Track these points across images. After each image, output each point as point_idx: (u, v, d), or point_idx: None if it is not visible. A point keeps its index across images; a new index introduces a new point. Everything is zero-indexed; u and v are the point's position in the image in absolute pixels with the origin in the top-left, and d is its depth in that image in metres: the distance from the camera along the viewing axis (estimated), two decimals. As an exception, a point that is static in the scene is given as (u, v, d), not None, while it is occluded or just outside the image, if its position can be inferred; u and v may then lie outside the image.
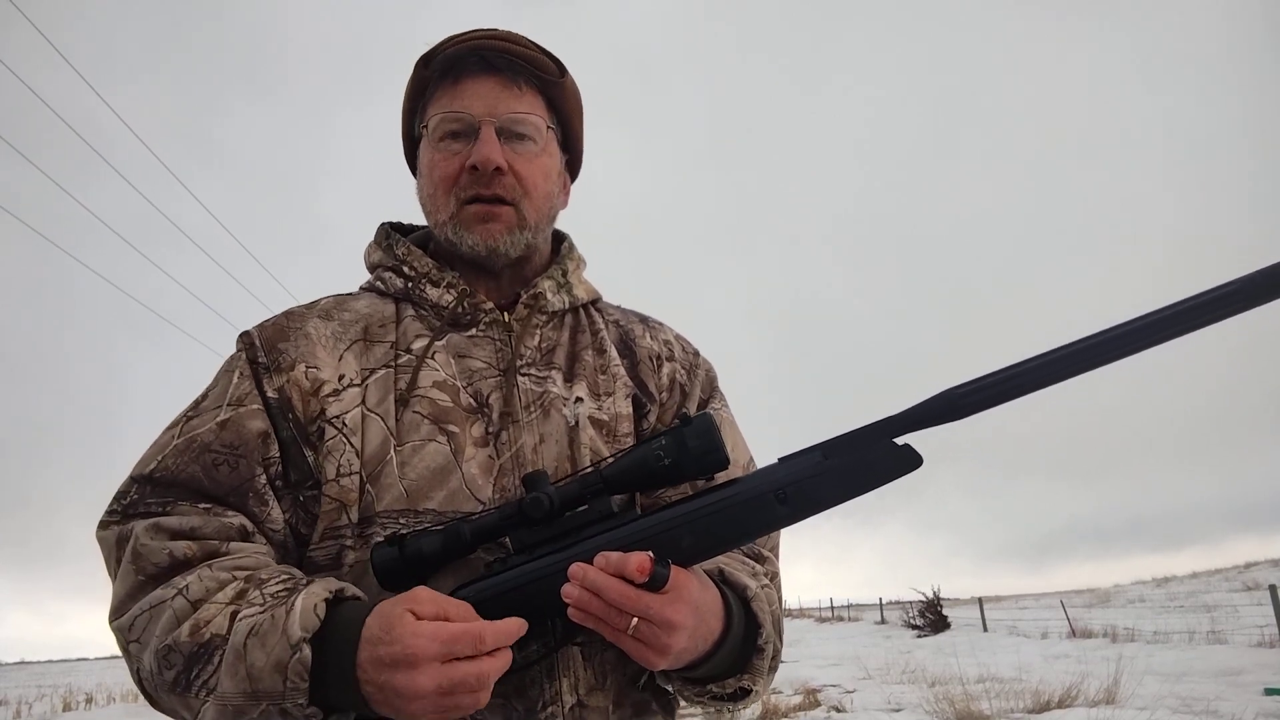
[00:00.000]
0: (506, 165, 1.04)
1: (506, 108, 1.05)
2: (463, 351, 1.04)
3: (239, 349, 1.04)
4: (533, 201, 1.07)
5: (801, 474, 0.87)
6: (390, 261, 1.12)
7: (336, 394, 0.98)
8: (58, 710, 15.34)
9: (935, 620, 21.49)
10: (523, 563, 0.89)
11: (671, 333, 1.20)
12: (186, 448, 0.95)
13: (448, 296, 1.07)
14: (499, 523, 0.90)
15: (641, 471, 0.89)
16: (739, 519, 0.87)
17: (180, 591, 0.85)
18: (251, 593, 0.85)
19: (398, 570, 0.89)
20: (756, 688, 0.96)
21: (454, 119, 1.05)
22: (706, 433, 0.88)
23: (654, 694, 1.01)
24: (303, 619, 0.80)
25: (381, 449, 0.97)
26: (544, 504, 0.88)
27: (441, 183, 1.06)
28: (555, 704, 0.93)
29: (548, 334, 1.09)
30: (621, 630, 0.82)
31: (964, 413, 0.85)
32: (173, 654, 0.83)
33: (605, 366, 1.09)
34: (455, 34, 1.08)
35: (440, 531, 0.90)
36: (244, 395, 0.98)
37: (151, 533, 0.90)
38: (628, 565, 0.81)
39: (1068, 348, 0.83)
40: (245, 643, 0.81)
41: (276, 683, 0.79)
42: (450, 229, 1.06)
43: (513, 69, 1.06)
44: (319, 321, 1.05)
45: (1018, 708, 7.74)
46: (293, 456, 0.97)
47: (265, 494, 0.95)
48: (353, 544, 0.95)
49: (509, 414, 1.01)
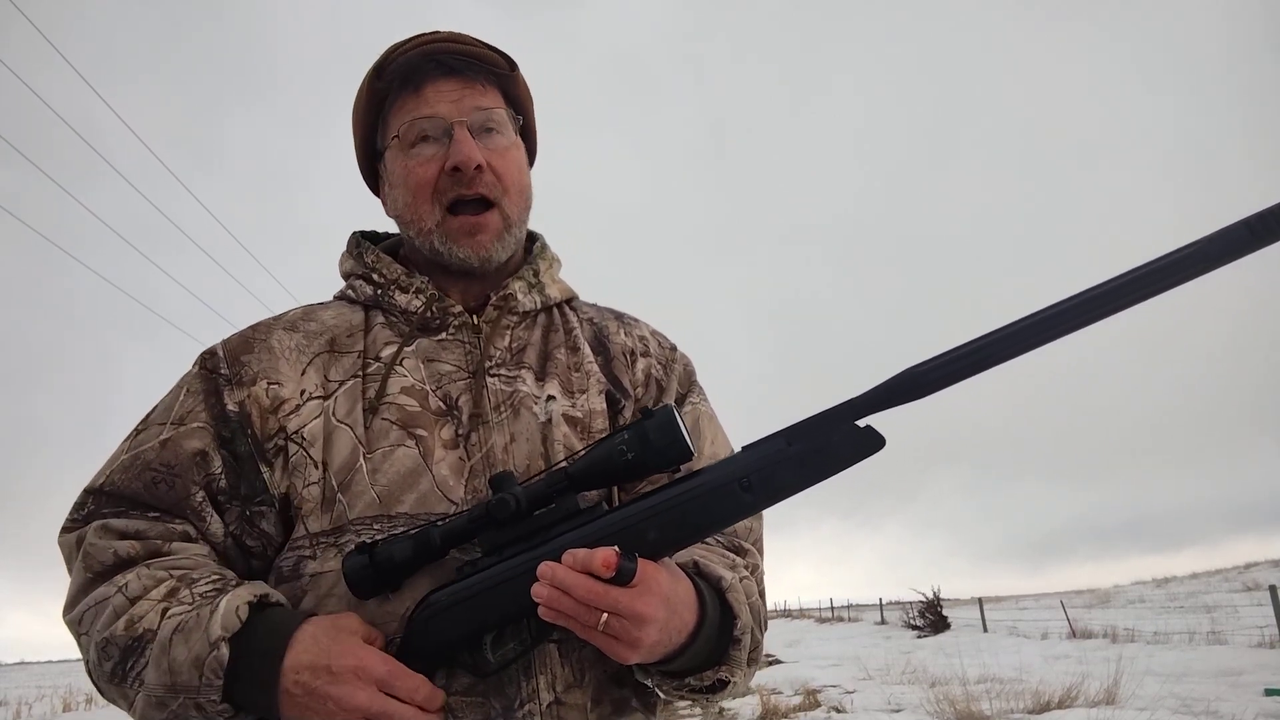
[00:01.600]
0: (485, 162, 1.04)
1: (473, 105, 1.05)
2: (432, 356, 1.05)
3: (195, 366, 1.05)
4: (512, 197, 1.08)
5: (765, 462, 0.87)
6: (360, 269, 1.13)
7: (296, 409, 1.00)
8: (57, 711, 15.35)
9: (935, 620, 21.49)
10: (493, 564, 0.89)
11: (647, 329, 1.21)
12: (131, 464, 0.99)
13: (416, 302, 1.07)
14: (468, 525, 0.91)
15: (606, 467, 0.89)
16: (705, 509, 0.87)
17: (120, 589, 0.90)
18: (182, 591, 0.89)
19: (368, 578, 0.90)
20: (735, 679, 0.95)
21: (424, 122, 1.05)
22: (668, 425, 0.88)
23: (635, 691, 1.01)
24: (224, 619, 0.84)
25: (351, 458, 0.98)
26: (510, 505, 0.88)
27: (420, 189, 1.05)
28: (532, 701, 0.93)
29: (519, 334, 1.10)
30: (592, 627, 0.82)
31: (927, 390, 0.84)
32: (110, 646, 0.88)
33: (579, 364, 1.10)
34: (399, 42, 1.08)
35: (410, 537, 0.90)
36: (186, 414, 1.00)
37: (100, 533, 0.95)
38: (594, 561, 0.81)
39: (1027, 319, 0.82)
40: (171, 638, 0.85)
41: (193, 678, 0.83)
42: (436, 239, 1.06)
43: (470, 68, 1.07)
44: (284, 333, 1.06)
45: (1018, 708, 7.73)
46: (246, 472, 0.99)
47: (203, 509, 0.98)
48: (311, 554, 0.96)
49: (478, 415, 1.02)
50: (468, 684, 0.93)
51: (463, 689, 0.93)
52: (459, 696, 0.93)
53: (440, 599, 0.89)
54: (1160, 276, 0.79)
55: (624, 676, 1.01)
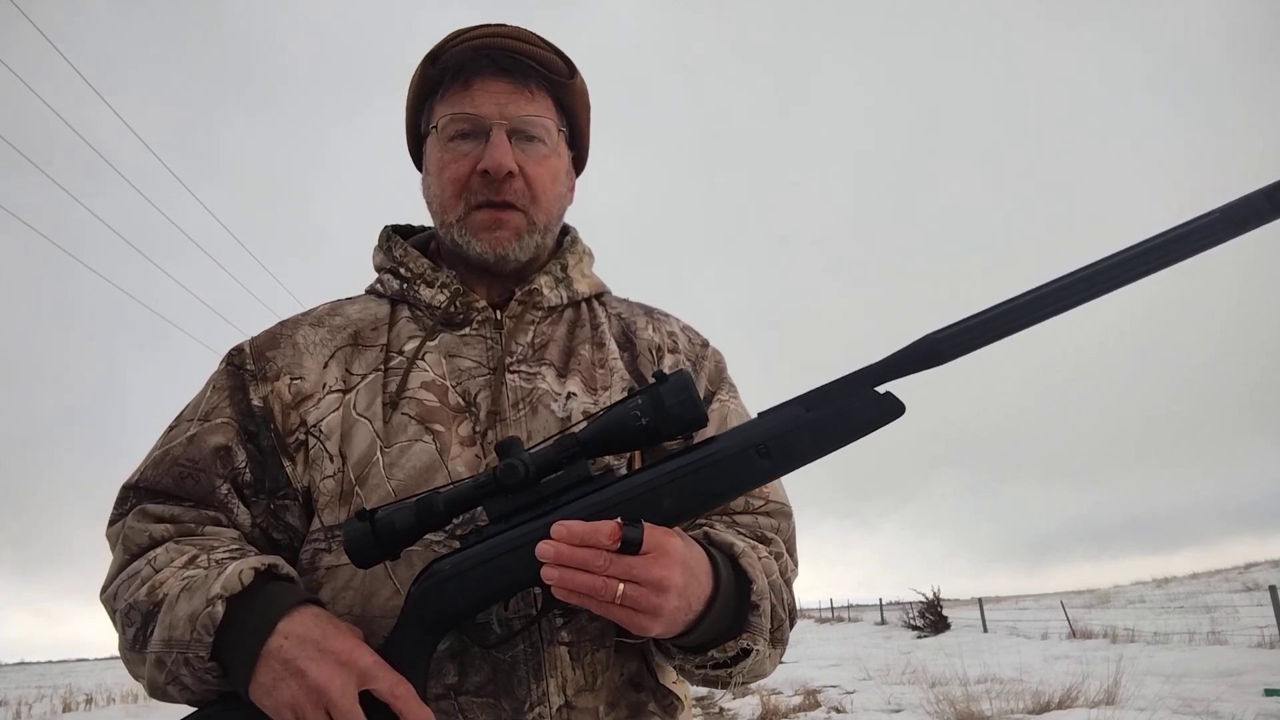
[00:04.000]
0: (517, 168, 1.03)
1: (517, 110, 1.05)
2: (453, 351, 1.05)
3: (222, 363, 1.07)
4: (541, 205, 1.07)
5: (783, 427, 0.85)
6: (390, 264, 1.13)
7: (317, 402, 1.01)
8: (57, 711, 15.33)
9: (935, 621, 21.47)
10: (499, 532, 0.87)
11: (678, 324, 1.19)
12: (162, 460, 1.01)
13: (440, 297, 1.07)
14: (474, 492, 0.88)
15: (619, 432, 0.87)
16: (720, 475, 0.85)
17: (149, 561, 0.93)
18: (201, 558, 0.91)
19: (369, 546, 0.87)
20: (758, 647, 0.92)
21: (464, 119, 1.04)
22: (683, 389, 0.85)
23: (654, 695, 1.00)
24: (225, 580, 0.85)
25: (369, 451, 0.98)
26: (519, 470, 0.85)
27: (451, 184, 1.05)
28: (543, 704, 0.92)
29: (542, 330, 1.09)
30: (610, 600, 0.79)
31: (946, 357, 0.83)
32: (132, 612, 0.90)
33: (603, 360, 1.09)
34: (461, 30, 1.07)
35: (413, 503, 0.88)
36: (212, 410, 1.02)
37: (138, 518, 0.98)
38: (599, 535, 0.79)
39: (1046, 286, 0.81)
40: (178, 596, 0.86)
41: (186, 632, 0.84)
42: (457, 231, 1.06)
43: (523, 70, 1.05)
44: (309, 329, 1.07)
45: (1018, 708, 7.73)
46: (270, 466, 1.00)
47: (228, 501, 1.00)
48: (326, 546, 0.97)
49: (496, 412, 1.01)
50: (479, 683, 0.92)
51: (474, 688, 0.92)
52: (469, 697, 0.92)
53: (444, 567, 0.86)
54: (1175, 246, 0.78)
55: (642, 680, 0.99)
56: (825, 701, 9.51)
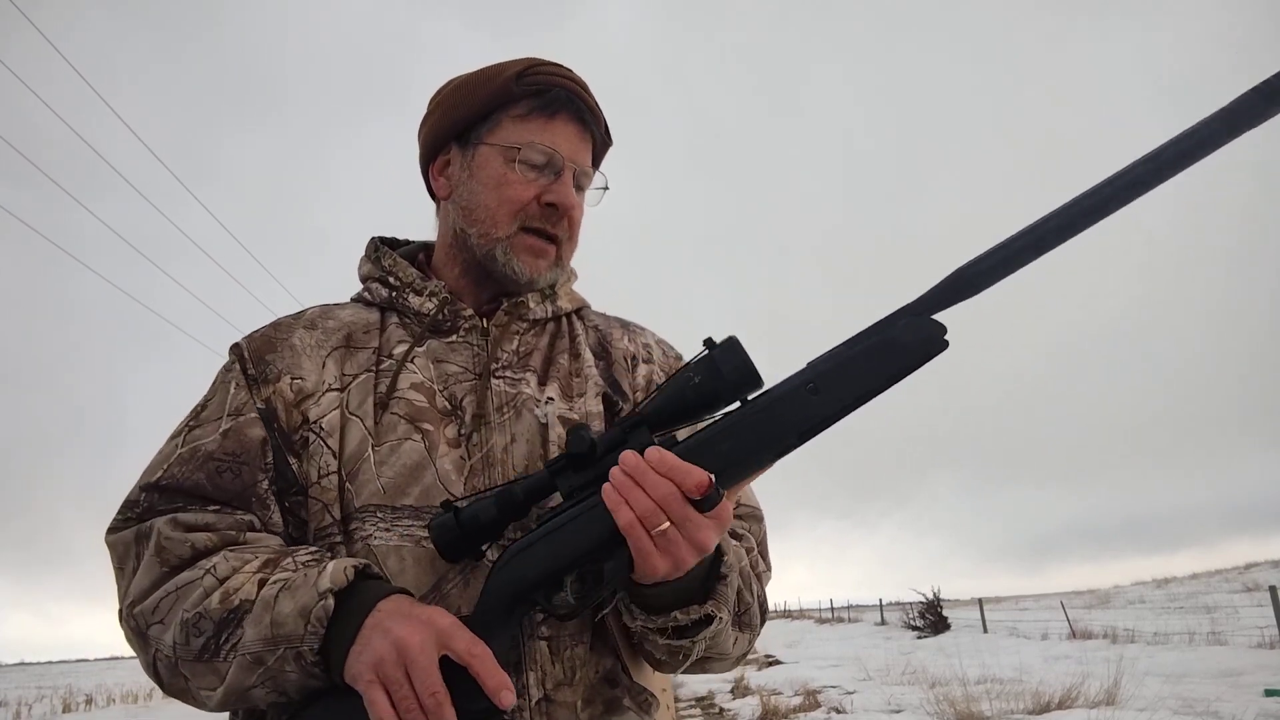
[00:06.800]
0: (571, 210, 1.10)
1: (584, 159, 1.13)
2: (441, 356, 1.08)
3: (232, 359, 1.08)
4: (572, 244, 1.15)
5: (831, 362, 0.86)
6: (377, 273, 1.16)
7: (316, 400, 1.03)
8: (57, 711, 15.36)
9: (935, 621, 21.50)
10: (569, 506, 0.89)
11: (653, 337, 1.24)
12: (191, 456, 0.99)
13: (429, 304, 1.11)
14: (549, 477, 0.90)
15: (678, 402, 0.88)
16: (774, 417, 0.86)
17: (208, 571, 0.91)
18: (284, 560, 0.91)
19: (455, 540, 0.90)
20: (721, 615, 0.94)
21: (544, 152, 1.08)
22: (733, 350, 0.86)
23: (628, 691, 1.02)
24: (333, 575, 0.86)
25: (360, 448, 1.00)
26: (585, 441, 0.87)
27: (509, 203, 1.08)
28: (522, 697, 0.94)
29: (526, 339, 1.14)
30: (646, 529, 0.82)
31: (980, 285, 0.85)
32: (203, 621, 0.88)
33: (580, 369, 1.13)
34: (543, 61, 1.12)
35: (494, 496, 0.91)
36: (242, 404, 1.03)
37: (172, 527, 0.94)
38: (688, 478, 0.81)
39: (1067, 206, 0.83)
40: (276, 595, 0.87)
41: (299, 626, 0.84)
42: (500, 249, 1.09)
43: (594, 123, 1.13)
44: (304, 331, 1.09)
45: (1018, 709, 7.74)
46: (279, 465, 1.01)
47: (267, 498, 0.99)
48: (342, 541, 0.98)
49: (481, 416, 1.04)
50: None
51: None
52: None
53: (521, 542, 0.89)
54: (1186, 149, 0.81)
55: (617, 677, 1.01)
56: (825, 702, 9.52)
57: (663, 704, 1.06)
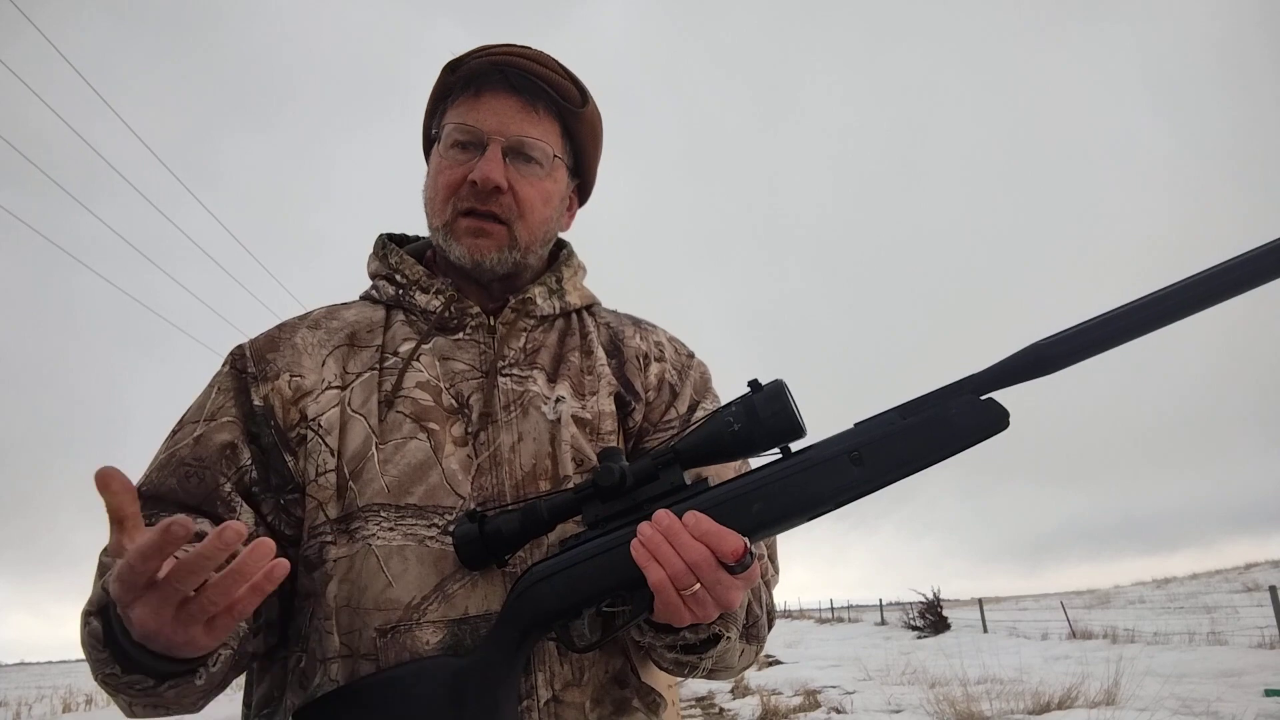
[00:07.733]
0: (507, 185, 1.05)
1: (518, 129, 1.06)
2: (447, 354, 1.07)
3: (225, 365, 1.08)
4: (527, 224, 1.09)
5: (878, 433, 0.82)
6: (385, 270, 1.15)
7: (315, 397, 1.02)
8: (57, 711, 15.35)
9: (935, 621, 21.49)
10: (595, 536, 0.88)
11: (664, 335, 1.22)
12: (166, 463, 1.00)
13: (435, 302, 1.10)
14: (574, 499, 0.90)
15: (714, 443, 0.86)
16: (810, 482, 0.83)
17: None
18: None
19: (478, 550, 0.91)
20: (730, 634, 0.94)
21: (464, 130, 1.06)
22: (777, 397, 0.84)
23: (637, 692, 1.02)
24: (94, 593, 0.85)
25: (364, 447, 1.00)
26: (615, 473, 0.86)
27: (442, 189, 1.08)
28: (530, 698, 0.94)
29: (534, 337, 1.12)
30: (677, 589, 0.81)
31: (1052, 366, 0.80)
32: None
33: (591, 367, 1.12)
34: (486, 45, 1.10)
35: (518, 510, 0.91)
36: (217, 410, 1.03)
37: None
38: (724, 543, 0.80)
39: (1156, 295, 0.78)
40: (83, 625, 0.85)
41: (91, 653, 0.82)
42: (441, 235, 1.09)
43: (533, 91, 1.07)
44: (307, 331, 1.09)
45: (1018, 709, 7.74)
46: (273, 462, 1.01)
47: (232, 500, 0.98)
48: (334, 540, 0.97)
49: (488, 414, 1.03)
50: None
51: None
52: None
53: (541, 569, 0.88)
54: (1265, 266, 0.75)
55: (626, 677, 1.01)
56: (825, 702, 9.52)
57: (669, 704, 1.06)
